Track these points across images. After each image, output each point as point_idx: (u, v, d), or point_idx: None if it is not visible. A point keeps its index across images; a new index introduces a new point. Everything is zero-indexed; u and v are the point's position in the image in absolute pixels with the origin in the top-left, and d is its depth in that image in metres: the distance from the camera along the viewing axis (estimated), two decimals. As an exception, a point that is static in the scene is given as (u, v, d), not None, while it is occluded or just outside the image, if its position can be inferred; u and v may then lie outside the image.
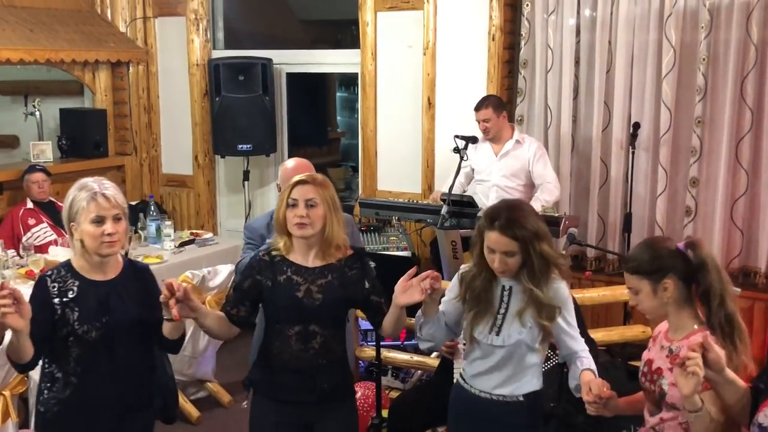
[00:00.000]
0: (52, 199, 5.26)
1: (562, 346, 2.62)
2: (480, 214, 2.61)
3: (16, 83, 6.76)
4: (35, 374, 2.97)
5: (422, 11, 5.25)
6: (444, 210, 4.24)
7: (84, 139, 6.09)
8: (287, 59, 6.14)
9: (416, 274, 2.47)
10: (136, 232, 5.06)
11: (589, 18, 4.94)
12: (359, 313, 3.23)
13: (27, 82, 6.71)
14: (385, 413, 3.60)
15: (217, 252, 5.05)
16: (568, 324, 2.60)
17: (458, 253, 4.44)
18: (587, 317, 3.68)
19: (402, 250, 4.76)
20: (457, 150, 4.53)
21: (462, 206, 4.36)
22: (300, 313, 2.61)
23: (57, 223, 5.10)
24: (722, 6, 4.53)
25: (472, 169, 4.85)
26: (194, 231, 5.58)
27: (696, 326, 2.30)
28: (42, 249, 4.79)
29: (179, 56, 6.23)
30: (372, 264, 2.76)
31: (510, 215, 2.44)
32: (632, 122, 4.81)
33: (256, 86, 5.85)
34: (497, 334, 2.55)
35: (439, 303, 2.61)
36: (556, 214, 4.42)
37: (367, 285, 2.69)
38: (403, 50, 5.41)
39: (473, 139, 4.60)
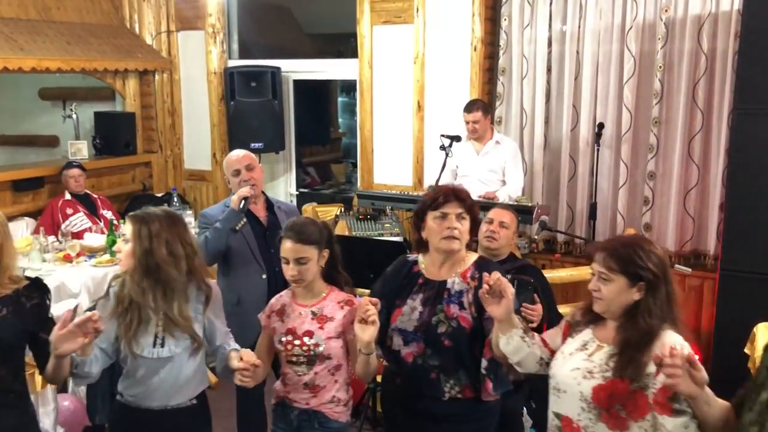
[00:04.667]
0: (88, 191, 5.35)
1: (213, 341, 2.42)
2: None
3: (56, 90, 6.80)
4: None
5: (413, 25, 5.29)
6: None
7: (115, 138, 6.11)
8: (294, 68, 6.13)
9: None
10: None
11: (560, 31, 4.98)
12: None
13: (65, 89, 6.74)
14: (378, 378, 3.43)
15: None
16: (216, 317, 2.41)
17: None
18: (557, 294, 3.62)
19: (395, 236, 4.72)
20: (442, 147, 4.58)
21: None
22: None
23: (92, 212, 5.20)
24: (677, 20, 4.61)
25: (457, 166, 4.82)
26: (213, 220, 5.60)
27: (326, 291, 2.47)
28: (78, 235, 4.86)
29: (199, 65, 6.25)
30: (48, 301, 2.28)
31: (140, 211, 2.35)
32: (597, 123, 4.84)
33: (267, 92, 5.85)
34: (162, 345, 2.28)
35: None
36: (530, 204, 4.47)
37: (41, 317, 2.25)
38: (396, 60, 5.41)
39: (457, 138, 4.63)
